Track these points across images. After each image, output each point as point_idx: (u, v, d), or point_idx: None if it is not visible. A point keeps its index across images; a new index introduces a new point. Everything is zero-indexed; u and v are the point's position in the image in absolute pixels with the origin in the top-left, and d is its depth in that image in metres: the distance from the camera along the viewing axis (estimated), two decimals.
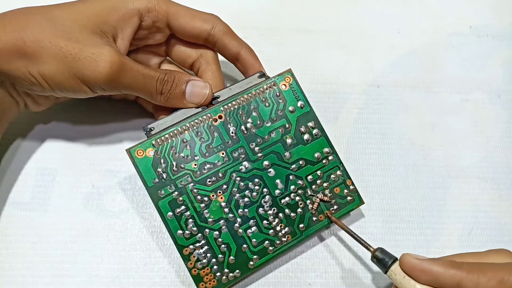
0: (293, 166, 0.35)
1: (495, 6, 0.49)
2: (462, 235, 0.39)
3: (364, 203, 0.37)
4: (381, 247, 0.32)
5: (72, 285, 0.35)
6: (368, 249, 0.33)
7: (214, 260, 0.33)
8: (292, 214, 0.35)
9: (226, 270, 0.34)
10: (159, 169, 0.33)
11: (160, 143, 0.34)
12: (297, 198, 0.35)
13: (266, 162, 0.35)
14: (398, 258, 0.31)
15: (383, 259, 0.31)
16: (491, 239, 0.39)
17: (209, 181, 0.34)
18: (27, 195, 0.37)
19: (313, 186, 0.36)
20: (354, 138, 0.42)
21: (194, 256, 0.33)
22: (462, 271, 0.28)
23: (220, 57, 0.39)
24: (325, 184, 0.36)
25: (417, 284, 0.29)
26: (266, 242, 0.34)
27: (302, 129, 0.36)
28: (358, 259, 0.37)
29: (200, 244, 0.33)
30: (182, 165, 0.34)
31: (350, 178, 0.37)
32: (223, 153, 0.35)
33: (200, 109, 0.35)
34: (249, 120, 0.35)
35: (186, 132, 0.34)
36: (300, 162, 0.36)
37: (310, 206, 0.35)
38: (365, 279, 0.37)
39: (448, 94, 0.44)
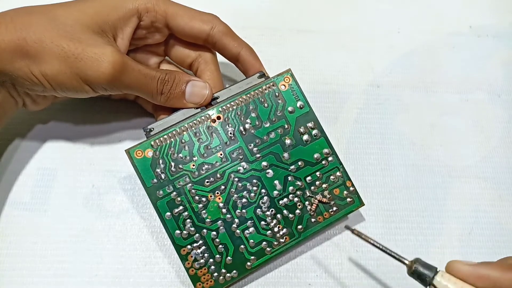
0: (292, 167, 0.35)
1: (495, 6, 0.49)
2: (462, 235, 0.39)
3: (364, 204, 0.36)
4: (418, 258, 0.29)
5: (72, 285, 0.35)
6: (404, 263, 0.29)
7: (211, 260, 0.34)
8: (290, 215, 0.35)
9: (223, 271, 0.34)
10: (158, 170, 0.34)
11: (158, 143, 0.34)
12: (296, 199, 0.35)
13: (264, 163, 0.35)
14: (438, 268, 0.28)
15: (423, 273, 0.28)
16: (491, 239, 0.39)
17: (207, 182, 0.34)
18: (27, 195, 0.38)
19: (312, 187, 0.36)
20: (354, 138, 0.42)
21: (191, 256, 0.33)
22: None
23: (220, 58, 0.39)
24: (324, 185, 0.36)
25: None
26: (264, 243, 0.34)
27: (302, 129, 0.36)
28: (358, 259, 0.37)
29: (198, 244, 0.34)
30: (180, 166, 0.34)
31: (350, 180, 0.36)
32: (221, 154, 0.35)
33: (199, 110, 0.35)
34: (248, 120, 0.35)
35: (184, 132, 0.34)
36: (299, 163, 0.36)
37: (308, 207, 0.35)
38: (365, 279, 0.37)
39: (448, 94, 0.44)
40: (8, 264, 0.35)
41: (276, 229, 0.35)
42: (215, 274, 0.34)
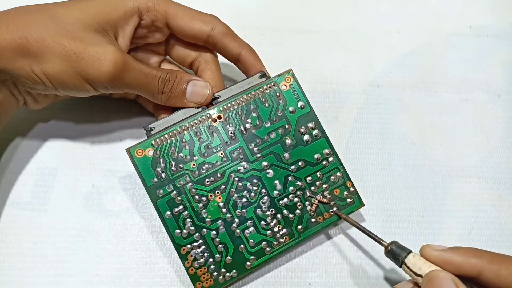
0: (292, 167, 0.35)
1: (495, 6, 0.49)
2: (462, 235, 0.39)
3: (364, 205, 0.37)
4: (395, 241, 0.32)
5: (72, 285, 0.35)
6: (382, 244, 0.32)
7: (211, 259, 0.34)
8: (291, 215, 0.35)
9: (223, 270, 0.34)
10: (158, 169, 0.34)
11: (159, 143, 0.34)
12: (296, 199, 0.35)
13: (265, 163, 0.35)
14: (412, 250, 0.31)
15: (397, 253, 0.31)
16: (491, 239, 0.39)
17: (208, 181, 0.34)
18: (27, 194, 0.38)
19: (312, 188, 0.36)
20: (354, 138, 0.42)
21: (191, 256, 0.33)
22: (483, 261, 0.28)
23: (220, 58, 0.39)
24: (324, 186, 0.36)
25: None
26: (264, 243, 0.34)
27: (302, 129, 0.36)
28: (358, 259, 0.37)
29: (198, 243, 0.34)
30: (181, 165, 0.34)
31: (350, 180, 0.36)
32: (221, 153, 0.35)
33: (200, 109, 0.35)
34: (249, 120, 0.35)
35: (185, 132, 0.34)
36: (300, 163, 0.36)
37: (308, 207, 0.35)
38: (365, 278, 0.37)
39: (448, 94, 0.44)
40: (8, 264, 0.35)
41: (276, 229, 0.35)
42: (215, 273, 0.34)
